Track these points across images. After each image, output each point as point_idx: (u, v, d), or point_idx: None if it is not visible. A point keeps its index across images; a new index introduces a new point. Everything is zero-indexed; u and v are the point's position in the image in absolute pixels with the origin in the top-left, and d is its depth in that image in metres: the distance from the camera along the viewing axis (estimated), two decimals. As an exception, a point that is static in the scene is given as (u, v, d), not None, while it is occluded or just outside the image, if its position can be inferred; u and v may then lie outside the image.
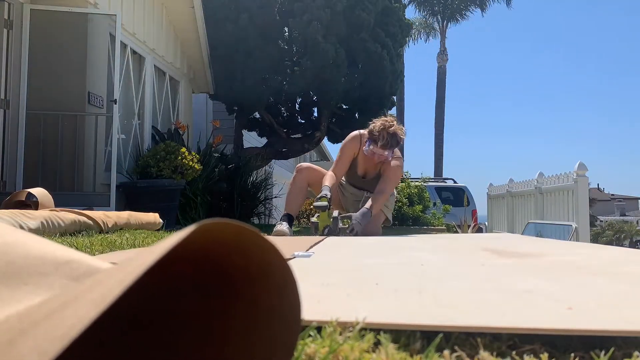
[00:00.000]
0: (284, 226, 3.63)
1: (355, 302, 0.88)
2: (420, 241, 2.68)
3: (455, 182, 13.45)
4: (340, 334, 0.68)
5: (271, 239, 0.49)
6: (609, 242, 13.19)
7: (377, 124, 3.70)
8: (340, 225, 3.46)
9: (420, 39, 25.68)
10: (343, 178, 4.08)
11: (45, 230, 2.66)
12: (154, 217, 3.95)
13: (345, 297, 0.92)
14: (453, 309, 0.83)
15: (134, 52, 6.34)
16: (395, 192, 8.64)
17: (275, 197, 9.11)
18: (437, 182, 13.59)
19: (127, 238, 2.63)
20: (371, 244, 2.34)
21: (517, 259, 1.68)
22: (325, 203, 3.34)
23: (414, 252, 1.97)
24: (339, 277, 1.22)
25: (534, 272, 1.35)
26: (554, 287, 1.08)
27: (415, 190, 8.48)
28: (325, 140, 9.53)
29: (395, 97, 9.28)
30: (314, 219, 3.49)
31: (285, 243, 2.30)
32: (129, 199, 5.44)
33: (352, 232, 3.42)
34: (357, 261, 1.62)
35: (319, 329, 0.69)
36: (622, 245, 13.60)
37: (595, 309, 0.84)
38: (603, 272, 1.39)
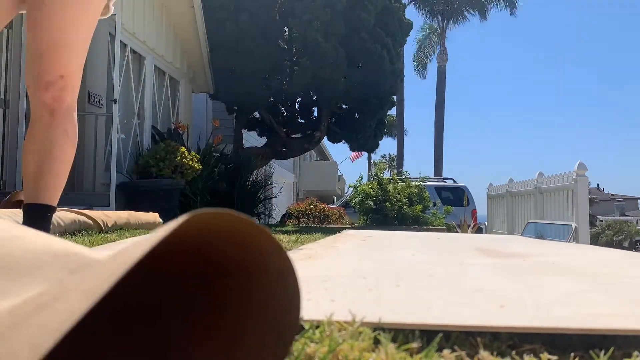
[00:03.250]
0: None
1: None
2: (414, 240, 2.68)
3: (455, 182, 13.45)
4: (340, 330, 0.68)
5: (267, 229, 0.49)
6: (609, 242, 13.19)
7: None
8: None
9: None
10: None
11: (45, 230, 2.66)
12: (153, 216, 3.95)
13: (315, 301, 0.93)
14: (387, 305, 0.85)
15: (133, 52, 6.34)
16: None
17: (275, 197, 9.11)
18: (437, 182, 13.60)
19: (126, 238, 2.63)
20: (363, 240, 2.33)
21: (502, 259, 1.70)
22: None
23: (403, 251, 1.98)
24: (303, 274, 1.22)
25: (506, 272, 1.37)
26: (511, 286, 1.10)
27: (415, 190, 8.48)
28: (325, 140, 9.53)
29: (395, 97, 9.28)
30: None
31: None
32: (129, 199, 5.44)
33: None
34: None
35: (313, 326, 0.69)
36: (622, 245, 13.58)
37: (528, 307, 0.85)
38: (577, 272, 1.40)
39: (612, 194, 55.00)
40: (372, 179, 8.77)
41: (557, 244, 2.87)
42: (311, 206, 10.12)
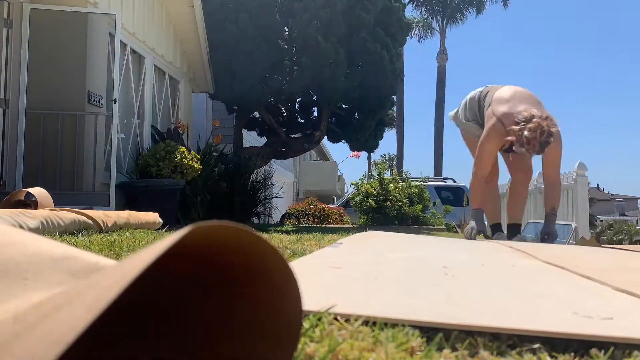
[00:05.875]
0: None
1: (364, 295, 0.87)
2: (456, 242, 2.67)
3: (455, 181, 13.45)
4: (340, 330, 0.68)
5: (268, 238, 0.49)
6: (609, 242, 13.18)
7: (528, 126, 3.34)
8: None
9: (419, 39, 25.67)
10: None
11: (45, 230, 2.66)
12: (153, 216, 3.95)
13: (357, 290, 0.92)
14: (461, 307, 0.83)
15: (133, 52, 6.34)
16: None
17: (275, 197, 9.11)
18: (436, 181, 13.60)
19: (127, 237, 2.62)
20: (416, 244, 2.33)
21: (546, 262, 1.66)
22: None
23: (444, 251, 1.97)
24: (357, 269, 1.22)
25: (558, 276, 1.33)
26: (573, 292, 1.07)
27: (415, 190, 8.48)
28: (325, 140, 9.53)
29: (395, 97, 9.28)
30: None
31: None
32: (129, 199, 5.44)
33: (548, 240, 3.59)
34: (381, 255, 1.61)
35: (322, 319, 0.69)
36: (621, 245, 13.57)
37: (601, 315, 0.83)
38: (629, 280, 1.35)
39: (612, 194, 55.00)
40: (372, 179, 8.77)
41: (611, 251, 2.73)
42: (311, 206, 10.14)
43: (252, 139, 10.00)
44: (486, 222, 3.85)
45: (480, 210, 3.67)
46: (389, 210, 8.02)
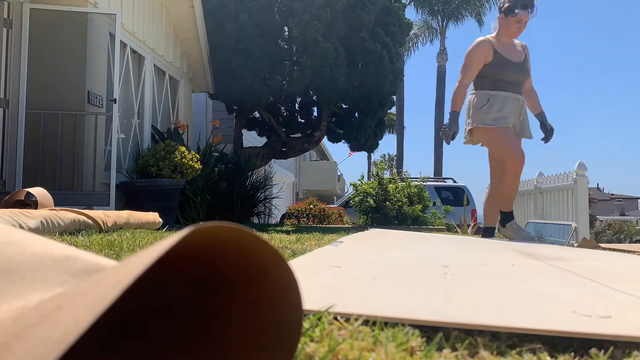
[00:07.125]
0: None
1: (364, 294, 0.87)
2: (456, 241, 2.68)
3: (455, 181, 13.45)
4: (340, 329, 0.68)
5: (268, 238, 0.49)
6: (609, 242, 13.18)
7: None
8: None
9: (422, 44, 25.67)
10: (490, 93, 3.84)
11: (45, 230, 2.66)
12: (153, 216, 3.95)
13: (357, 288, 0.92)
14: (461, 306, 0.83)
15: (133, 52, 6.34)
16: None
17: (275, 197, 9.11)
18: (436, 181, 13.60)
19: (127, 237, 2.63)
20: (415, 244, 2.33)
21: (545, 262, 1.67)
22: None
23: (444, 250, 1.98)
24: (357, 268, 1.22)
25: (557, 276, 1.34)
26: (572, 291, 1.08)
27: (415, 189, 8.48)
28: (325, 140, 9.52)
29: (395, 97, 9.28)
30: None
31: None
32: (129, 198, 5.44)
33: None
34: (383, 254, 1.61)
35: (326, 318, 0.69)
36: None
37: (599, 313, 0.83)
38: (627, 280, 1.36)
39: (612, 194, 55.03)
40: (372, 179, 8.77)
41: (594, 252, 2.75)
42: (311, 206, 10.14)
43: (252, 139, 10.00)
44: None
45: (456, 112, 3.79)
46: (388, 210, 8.02)
